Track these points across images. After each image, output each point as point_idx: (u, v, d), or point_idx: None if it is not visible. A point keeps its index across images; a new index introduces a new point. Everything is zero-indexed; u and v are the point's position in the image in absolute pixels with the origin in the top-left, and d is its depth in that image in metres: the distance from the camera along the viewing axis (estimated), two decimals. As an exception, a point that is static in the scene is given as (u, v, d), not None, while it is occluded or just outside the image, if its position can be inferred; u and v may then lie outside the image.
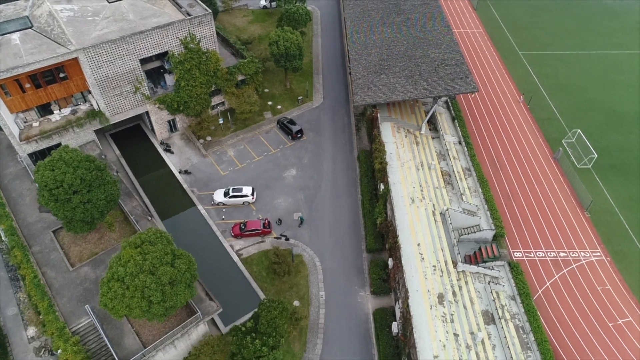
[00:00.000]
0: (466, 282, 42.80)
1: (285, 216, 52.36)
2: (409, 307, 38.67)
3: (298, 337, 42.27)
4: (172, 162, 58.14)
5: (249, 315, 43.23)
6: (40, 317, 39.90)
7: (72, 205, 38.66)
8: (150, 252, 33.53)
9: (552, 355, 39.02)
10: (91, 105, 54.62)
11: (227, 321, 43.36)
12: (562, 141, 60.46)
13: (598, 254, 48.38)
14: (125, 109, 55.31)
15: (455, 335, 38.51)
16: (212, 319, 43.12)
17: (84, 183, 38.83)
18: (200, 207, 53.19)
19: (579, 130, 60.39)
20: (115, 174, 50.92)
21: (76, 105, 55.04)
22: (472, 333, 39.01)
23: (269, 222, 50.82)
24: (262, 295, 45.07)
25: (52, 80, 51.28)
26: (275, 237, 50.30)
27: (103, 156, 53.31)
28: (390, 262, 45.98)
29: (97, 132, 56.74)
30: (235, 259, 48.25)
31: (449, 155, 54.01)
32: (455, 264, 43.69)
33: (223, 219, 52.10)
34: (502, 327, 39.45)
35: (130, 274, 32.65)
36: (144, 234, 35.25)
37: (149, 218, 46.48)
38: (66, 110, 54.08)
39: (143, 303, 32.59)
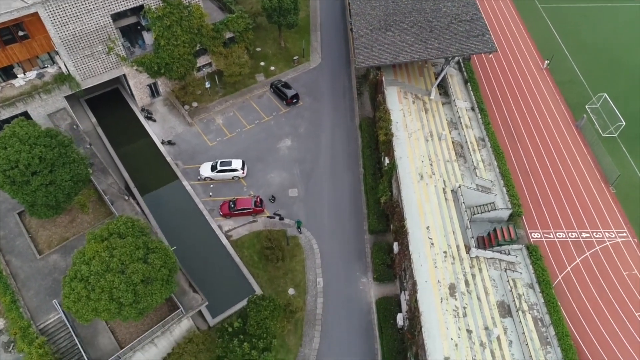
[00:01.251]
0: (480, 270, 38.45)
1: (279, 193, 47.43)
2: (417, 302, 34.42)
3: (293, 330, 38.34)
4: (155, 132, 52.57)
5: (239, 306, 39.17)
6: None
7: (32, 188, 33.60)
8: (118, 246, 28.79)
9: (574, 351, 35.19)
10: (59, 68, 48.41)
11: (215, 312, 39.29)
12: (586, 107, 54.63)
13: (624, 234, 43.82)
14: (98, 72, 49.13)
15: (469, 331, 34.49)
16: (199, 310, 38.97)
17: (44, 162, 33.61)
18: (185, 182, 48.14)
19: (605, 94, 54.37)
20: (87, 146, 45.49)
21: (43, 67, 48.85)
22: (486, 328, 35.00)
23: (261, 199, 45.95)
24: (254, 284, 40.82)
25: (11, 40, 44.89)
26: (268, 217, 45.60)
27: (75, 127, 47.70)
28: (395, 246, 41.47)
29: (70, 98, 50.84)
30: (224, 241, 43.71)
31: (461, 123, 48.45)
32: (468, 249, 39.18)
33: (210, 196, 47.20)
34: (520, 321, 35.38)
35: (96, 273, 28.06)
36: (112, 224, 30.41)
37: (126, 198, 41.51)
38: (31, 74, 47.95)
39: (112, 306, 28.18)
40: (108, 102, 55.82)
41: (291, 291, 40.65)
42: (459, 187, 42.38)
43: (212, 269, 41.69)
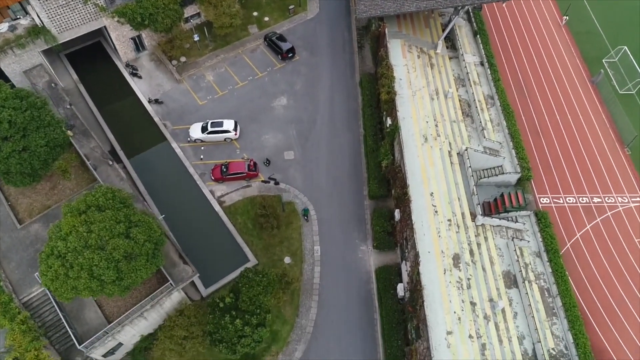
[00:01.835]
0: (486, 239, 36.45)
1: (274, 156, 44.74)
2: (419, 275, 32.62)
3: (289, 300, 36.91)
4: (141, 90, 49.08)
5: (232, 276, 37.54)
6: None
7: (3, 155, 30.97)
8: (97, 221, 26.53)
9: (581, 322, 33.78)
10: (33, 20, 44.32)
11: (208, 282, 37.75)
12: (603, 61, 50.82)
13: (638, 199, 41.57)
14: (75, 24, 45.06)
15: (472, 304, 32.93)
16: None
17: (15, 127, 30.84)
18: (174, 144, 45.32)
19: (625, 47, 50.38)
20: (68, 107, 42.30)
21: (15, 19, 44.72)
22: (491, 300, 33.44)
23: (254, 163, 43.35)
24: (248, 252, 39.00)
25: (-24, -12, 40.71)
26: (262, 181, 43.18)
27: (53, 85, 44.27)
28: (397, 213, 39.29)
29: (48, 53, 47.08)
30: (217, 207, 41.52)
31: (469, 79, 44.91)
32: (473, 217, 37.01)
33: (202, 159, 44.56)
34: (526, 292, 33.77)
35: (73, 249, 25.96)
36: (90, 196, 27.99)
37: (110, 163, 38.89)
38: (3, 27, 43.90)
39: (93, 284, 26.31)
40: (90, 56, 51.90)
41: (287, 260, 38.91)
42: (466, 149, 39.63)
43: (204, 237, 39.77)
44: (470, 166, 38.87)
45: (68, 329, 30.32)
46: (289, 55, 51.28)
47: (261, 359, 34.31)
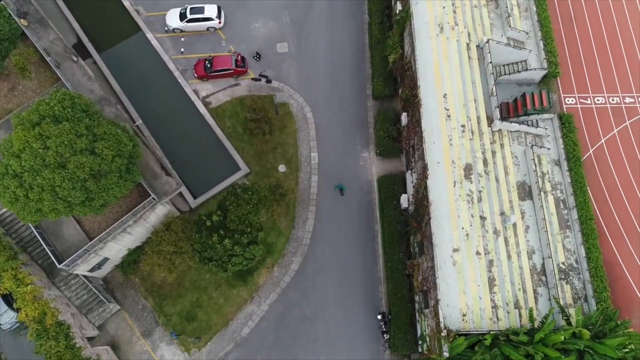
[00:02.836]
0: (502, 146, 32.76)
1: (265, 48, 39.01)
2: (427, 189, 29.48)
3: (285, 212, 34.46)
4: (105, -34, 41.39)
5: (222, 185, 34.64)
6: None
7: (-63, 52, 25.87)
8: (53, 135, 22.56)
9: (596, 235, 31.73)
10: None
11: (197, 192, 35.00)
12: None
13: (675, 99, 36.94)
14: None
15: (482, 218, 30.39)
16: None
17: (-56, 17, 25.24)
18: (149, 34, 39.29)
19: None
20: (17, -11, 35.57)
21: None
22: (502, 214, 30.86)
23: (243, 57, 37.87)
24: (238, 160, 35.57)
25: None
26: (252, 79, 38.13)
27: (-3, -40, 36.81)
28: (404, 117, 35.01)
29: None
30: (202, 109, 37.11)
31: (496, -48, 37.31)
32: (490, 122, 32.89)
33: (182, 52, 38.95)
34: (541, 205, 31.05)
35: (30, 169, 22.43)
36: (44, 104, 23.67)
37: (75, 59, 33.61)
38: None
39: (59, 205, 23.29)
40: None
41: (282, 168, 35.68)
42: (487, 41, 33.99)
43: (189, 143, 36.08)
44: (490, 61, 33.64)
45: (46, 248, 28.14)
46: None
47: (256, 272, 32.93)
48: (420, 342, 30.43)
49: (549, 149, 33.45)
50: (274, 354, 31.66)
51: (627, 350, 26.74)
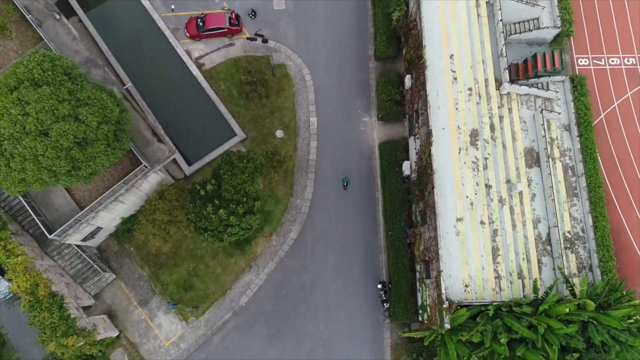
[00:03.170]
0: (510, 110, 31.23)
1: (261, 5, 36.69)
2: (431, 157, 28.17)
3: (283, 179, 33.32)
4: None
5: (217, 152, 33.37)
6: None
7: None
8: (32, 101, 21.08)
9: (604, 203, 30.85)
10: None
11: (191, 158, 33.79)
12: None
13: (694, 60, 35.00)
14: None
15: (487, 186, 29.26)
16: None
17: None
18: (137, -10, 36.93)
19: None
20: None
21: None
22: (508, 181, 29.72)
23: (237, 15, 35.64)
24: (234, 125, 34.10)
25: None
26: (248, 38, 36.05)
27: None
28: (407, 79, 33.25)
29: None
30: (195, 71, 35.26)
31: None
32: (498, 85, 31.20)
33: (173, 10, 36.64)
34: (549, 172, 29.86)
35: (10, 137, 21.11)
36: (22, 67, 22.05)
37: (57, 17, 31.49)
38: None
39: (44, 175, 22.14)
40: None
41: (279, 134, 34.25)
42: (498, -3, 31.82)
43: (182, 108, 34.51)
44: (501, 19, 31.56)
45: (35, 218, 27.19)
46: None
47: (253, 241, 32.18)
48: (420, 311, 30.02)
49: (559, 113, 31.95)
50: (272, 322, 31.34)
51: (632, 321, 26.26)
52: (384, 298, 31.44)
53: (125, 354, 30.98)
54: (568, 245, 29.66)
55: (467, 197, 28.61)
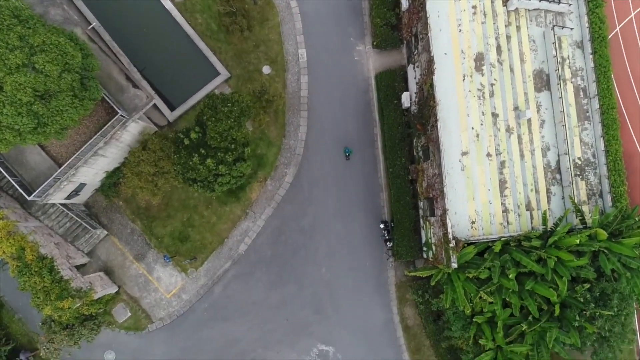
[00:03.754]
0: (518, 28, 28.34)
1: None
2: (433, 87, 25.72)
3: (274, 119, 31.06)
4: None
5: (201, 94, 30.80)
6: None
7: None
8: (-23, 50, 18.34)
9: (617, 126, 29.00)
10: None
11: (174, 103, 31.28)
12: None
13: None
14: None
15: (494, 115, 27.18)
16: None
17: None
18: None
19: None
20: None
21: None
22: (516, 108, 27.63)
23: None
24: (216, 62, 31.17)
25: None
26: (223, -38, 32.01)
27: None
28: (404, 0, 29.88)
29: None
30: (168, 4, 31.58)
31: None
32: (505, 0, 28.01)
33: None
34: (560, 95, 27.65)
35: (-42, 93, 18.61)
36: (-40, 10, 18.99)
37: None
38: None
39: (7, 135, 19.97)
40: None
41: (266, 70, 31.44)
42: None
43: (157, 47, 31.35)
44: None
45: (10, 179, 25.31)
46: None
47: (248, 187, 30.61)
48: (425, 248, 29.16)
49: (571, 29, 29.03)
50: (273, 269, 30.60)
51: (643, 247, 25.45)
52: (387, 237, 30.49)
53: (127, 308, 30.53)
54: (578, 172, 28.17)
55: (472, 128, 26.62)
